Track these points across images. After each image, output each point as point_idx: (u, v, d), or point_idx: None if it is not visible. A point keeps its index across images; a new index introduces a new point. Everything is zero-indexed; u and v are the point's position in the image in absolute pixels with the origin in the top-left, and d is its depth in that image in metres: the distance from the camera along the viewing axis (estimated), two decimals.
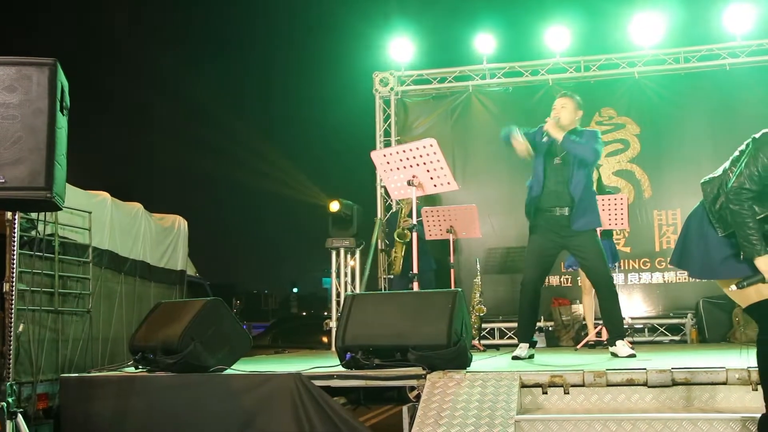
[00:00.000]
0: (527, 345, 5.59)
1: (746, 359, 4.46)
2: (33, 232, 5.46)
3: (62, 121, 3.51)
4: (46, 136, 3.39)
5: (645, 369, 3.93)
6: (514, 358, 5.48)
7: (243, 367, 5.03)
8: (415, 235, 5.71)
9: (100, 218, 6.85)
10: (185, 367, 4.76)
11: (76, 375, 5.17)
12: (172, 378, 4.74)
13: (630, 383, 3.92)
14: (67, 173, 3.66)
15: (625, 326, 8.70)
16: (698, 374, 3.85)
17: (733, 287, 3.19)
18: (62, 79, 3.51)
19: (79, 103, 3.95)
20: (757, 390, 3.74)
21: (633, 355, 5.32)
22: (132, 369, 5.29)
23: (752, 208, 3.21)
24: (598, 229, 7.34)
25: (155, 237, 8.18)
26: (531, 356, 5.61)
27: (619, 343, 5.46)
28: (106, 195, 7.13)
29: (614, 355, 5.45)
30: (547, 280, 6.50)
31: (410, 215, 7.94)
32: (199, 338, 4.79)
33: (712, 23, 9.98)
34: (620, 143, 9.96)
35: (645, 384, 3.90)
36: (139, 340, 5.22)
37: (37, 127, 3.39)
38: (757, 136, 3.29)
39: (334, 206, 9.46)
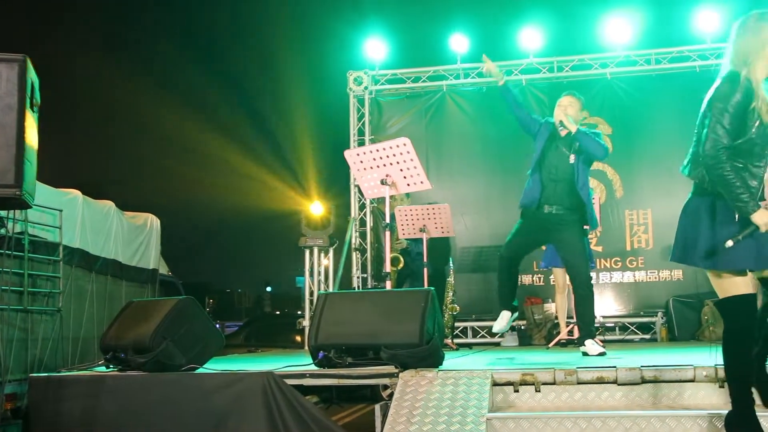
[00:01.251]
0: (509, 313, 5.74)
1: (714, 357, 4.53)
2: (2, 230, 5.40)
3: (32, 117, 3.48)
4: (15, 133, 3.36)
5: (615, 367, 3.97)
6: (492, 332, 5.78)
7: (215, 366, 5.00)
8: (387, 234, 5.71)
9: (70, 216, 6.79)
10: (157, 366, 4.73)
11: (45, 375, 5.12)
12: (143, 377, 4.71)
13: (600, 381, 3.95)
14: (37, 170, 3.63)
15: (596, 325, 8.84)
16: (666, 372, 3.90)
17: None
18: (32, 75, 3.48)
19: (48, 102, 3.91)
20: (723, 387, 3.80)
21: (603, 354, 5.38)
22: (103, 368, 5.25)
23: (733, 165, 3.17)
24: None
25: (127, 235, 8.12)
26: (514, 321, 5.88)
27: (588, 342, 5.53)
28: (77, 193, 7.06)
29: (585, 354, 5.51)
30: (519, 279, 6.54)
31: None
32: (170, 337, 4.77)
33: (683, 26, 10.09)
34: None
35: (615, 382, 3.93)
36: (110, 339, 5.18)
37: (6, 124, 3.36)
38: (708, 96, 3.29)
39: (317, 209, 9.47)
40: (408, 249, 8.99)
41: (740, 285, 3.26)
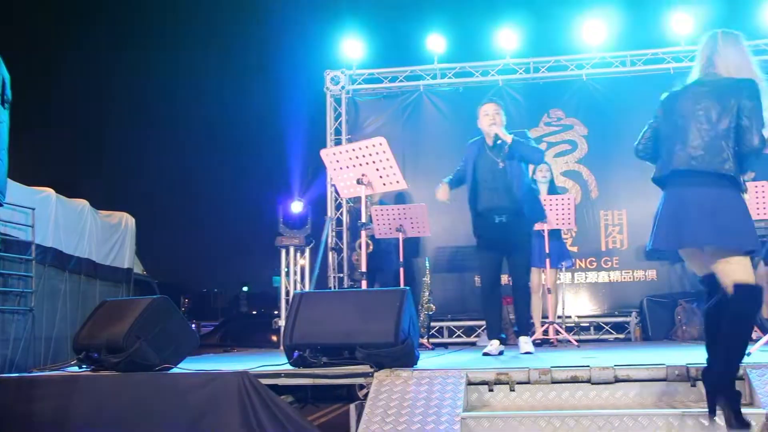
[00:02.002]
0: (498, 342, 5.85)
1: (686, 356, 4.57)
2: None
3: (3, 114, 3.44)
4: None
5: (589, 366, 3.99)
6: (485, 354, 5.73)
7: (190, 365, 4.98)
8: (363, 233, 5.72)
9: (43, 215, 6.73)
10: (130, 366, 4.69)
11: (17, 375, 5.07)
12: (116, 377, 4.66)
13: (574, 380, 3.98)
14: (8, 168, 3.58)
15: (571, 324, 8.90)
16: (639, 371, 3.93)
17: None
18: (3, 72, 3.43)
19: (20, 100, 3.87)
20: (695, 386, 3.84)
21: (530, 353, 5.67)
22: (75, 368, 5.20)
23: None
24: (545, 231, 7.49)
25: (101, 234, 8.06)
26: (501, 353, 5.81)
27: (523, 338, 5.82)
28: (50, 191, 7.00)
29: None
30: None
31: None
32: (144, 337, 4.73)
33: (658, 28, 10.18)
34: (568, 144, 10.10)
35: (588, 381, 3.96)
36: (83, 338, 5.13)
37: None
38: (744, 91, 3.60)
39: (294, 208, 9.45)
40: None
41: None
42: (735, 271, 3.44)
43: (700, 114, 3.71)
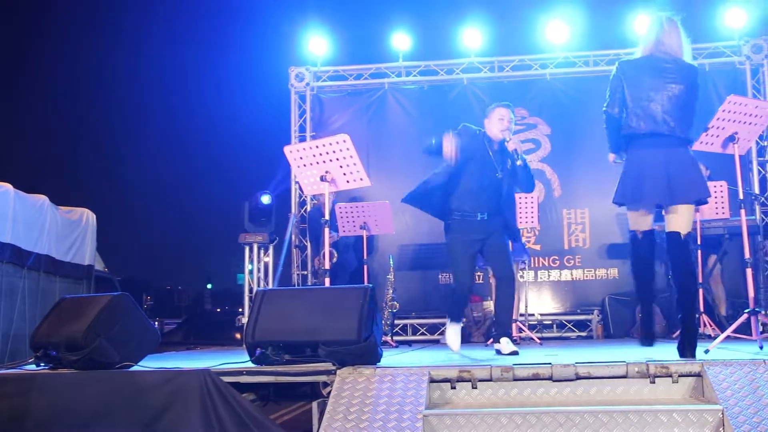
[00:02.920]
0: (459, 326, 5.78)
1: (646, 353, 4.63)
2: None
3: None
4: None
5: (550, 364, 4.02)
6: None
7: (151, 363, 4.91)
8: (326, 230, 5.70)
9: (1, 210, 6.61)
10: (90, 364, 4.62)
11: None
12: (75, 375, 4.59)
13: (536, 377, 4.00)
14: None
15: (534, 323, 8.96)
16: (600, 368, 3.96)
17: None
18: None
19: None
20: (654, 383, 3.89)
21: (516, 353, 5.41)
22: (33, 366, 5.11)
23: None
24: None
25: (61, 230, 7.94)
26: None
27: (503, 340, 5.56)
28: (8, 186, 6.87)
29: (498, 351, 5.53)
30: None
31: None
32: (104, 334, 4.66)
33: (621, 29, 10.29)
34: (532, 143, 10.17)
35: (550, 378, 3.98)
36: (41, 336, 5.04)
37: None
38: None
39: (258, 204, 9.40)
40: (336, 240, 8.90)
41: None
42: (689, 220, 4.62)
43: (672, 87, 4.58)
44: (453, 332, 5.72)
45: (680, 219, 4.58)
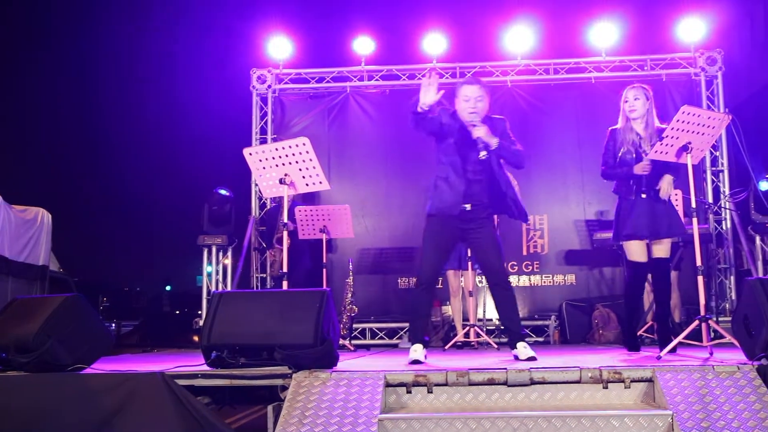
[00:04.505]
0: (422, 346, 5.11)
1: (600, 360, 4.68)
2: None
3: None
4: None
5: (505, 369, 4.05)
6: (414, 362, 4.93)
7: (105, 366, 4.85)
8: (286, 233, 5.68)
9: None
10: (41, 366, 4.55)
11: None
12: (25, 377, 4.51)
13: (491, 382, 4.02)
14: None
15: (492, 328, 9.01)
16: (554, 374, 4.00)
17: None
18: None
19: None
20: (607, 388, 3.94)
21: (534, 358, 4.90)
22: None
23: None
24: None
25: (15, 230, 7.80)
26: (425, 357, 5.08)
27: (520, 345, 5.10)
28: None
29: (516, 357, 5.05)
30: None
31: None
32: (56, 336, 4.59)
33: (581, 38, 10.41)
34: None
35: (505, 383, 4.01)
36: None
37: None
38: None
39: (217, 206, 9.33)
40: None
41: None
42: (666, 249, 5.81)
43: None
44: (415, 351, 5.06)
45: (639, 253, 5.85)
